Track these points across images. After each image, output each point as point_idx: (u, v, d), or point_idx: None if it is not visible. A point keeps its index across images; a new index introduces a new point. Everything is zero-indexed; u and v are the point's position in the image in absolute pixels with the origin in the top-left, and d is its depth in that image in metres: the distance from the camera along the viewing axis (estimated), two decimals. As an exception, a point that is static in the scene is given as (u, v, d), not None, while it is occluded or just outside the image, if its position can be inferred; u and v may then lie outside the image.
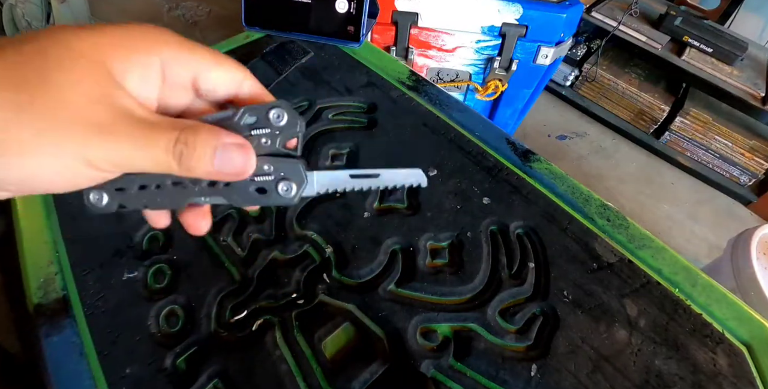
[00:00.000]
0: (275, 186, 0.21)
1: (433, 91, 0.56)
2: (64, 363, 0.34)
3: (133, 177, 0.20)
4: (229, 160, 0.19)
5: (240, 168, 0.19)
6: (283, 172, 0.21)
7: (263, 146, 0.20)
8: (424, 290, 0.39)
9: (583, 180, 1.38)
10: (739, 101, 1.42)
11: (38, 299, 0.37)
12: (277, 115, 0.20)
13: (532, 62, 0.97)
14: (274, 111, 0.20)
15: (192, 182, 0.21)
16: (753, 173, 1.54)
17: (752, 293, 0.82)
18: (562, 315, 0.38)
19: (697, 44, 1.50)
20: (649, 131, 1.68)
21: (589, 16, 1.60)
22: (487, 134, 0.51)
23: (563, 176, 0.48)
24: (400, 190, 0.46)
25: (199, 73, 0.20)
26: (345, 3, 0.53)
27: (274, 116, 0.20)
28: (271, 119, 0.20)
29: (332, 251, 0.41)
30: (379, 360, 0.35)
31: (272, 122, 0.20)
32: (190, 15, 1.98)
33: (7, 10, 1.30)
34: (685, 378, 0.35)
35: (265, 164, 0.21)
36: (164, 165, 0.18)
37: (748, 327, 0.39)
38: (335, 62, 0.58)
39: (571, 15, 0.92)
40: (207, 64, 0.20)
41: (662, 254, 0.42)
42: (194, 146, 0.18)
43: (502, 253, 0.42)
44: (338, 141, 0.49)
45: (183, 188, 0.21)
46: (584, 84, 1.76)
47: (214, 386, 0.34)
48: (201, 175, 0.19)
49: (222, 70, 0.21)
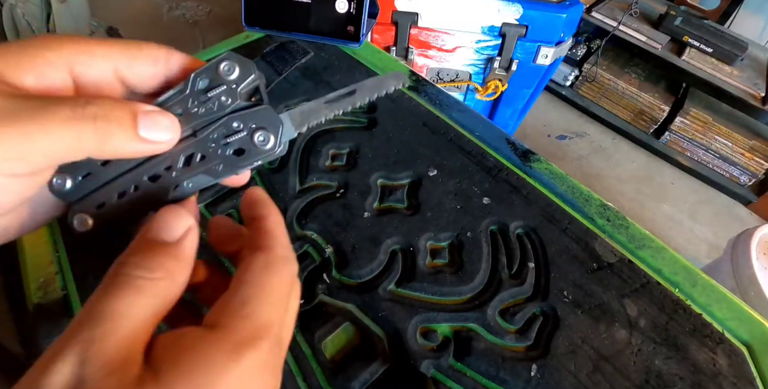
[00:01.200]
0: (251, 140, 0.20)
1: (433, 91, 0.56)
2: (64, 363, 0.34)
3: (104, 174, 0.19)
4: (154, 125, 0.17)
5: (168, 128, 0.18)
6: (254, 122, 0.20)
7: (225, 104, 0.19)
8: (424, 290, 0.39)
9: (583, 180, 1.38)
10: (739, 101, 1.42)
11: (38, 299, 0.37)
12: (227, 68, 0.19)
13: (532, 62, 0.97)
14: (223, 65, 0.19)
15: (166, 168, 0.19)
16: (753, 173, 1.54)
17: (752, 293, 0.82)
18: (562, 315, 0.38)
19: (697, 44, 1.50)
20: (649, 131, 1.68)
21: (589, 16, 1.60)
22: (487, 134, 0.51)
23: (563, 176, 0.48)
24: (400, 190, 0.46)
25: (119, 66, 0.18)
26: (345, 3, 0.53)
27: (224, 70, 0.19)
28: (223, 75, 0.19)
29: (332, 251, 0.41)
30: (379, 360, 0.35)
31: (225, 78, 0.19)
32: (190, 15, 1.98)
33: (7, 10, 1.30)
34: (685, 378, 0.35)
35: (234, 122, 0.19)
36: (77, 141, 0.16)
37: (748, 327, 0.39)
38: (335, 62, 0.58)
39: (571, 15, 0.92)
40: (123, 54, 0.18)
41: (662, 254, 0.42)
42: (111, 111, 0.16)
43: (502, 253, 0.42)
44: (338, 141, 0.49)
45: (161, 178, 0.19)
46: (584, 84, 1.76)
47: (214, 386, 0.34)
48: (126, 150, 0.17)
49: (142, 55, 0.19)
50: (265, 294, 0.17)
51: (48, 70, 0.17)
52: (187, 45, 1.82)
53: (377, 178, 0.47)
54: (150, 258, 0.17)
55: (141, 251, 0.17)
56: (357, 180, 0.46)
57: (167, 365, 0.15)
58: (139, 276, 0.16)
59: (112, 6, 1.91)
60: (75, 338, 0.15)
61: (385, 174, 0.47)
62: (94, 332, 0.15)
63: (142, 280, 0.16)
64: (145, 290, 0.16)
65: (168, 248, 0.17)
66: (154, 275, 0.16)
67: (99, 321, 0.15)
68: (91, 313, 0.15)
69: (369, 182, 0.46)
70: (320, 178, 0.46)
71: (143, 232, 0.18)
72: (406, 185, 0.46)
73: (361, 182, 0.46)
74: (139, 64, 0.19)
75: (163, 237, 0.17)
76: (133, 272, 0.16)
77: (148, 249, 0.17)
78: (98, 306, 0.15)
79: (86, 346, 0.14)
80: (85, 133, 0.16)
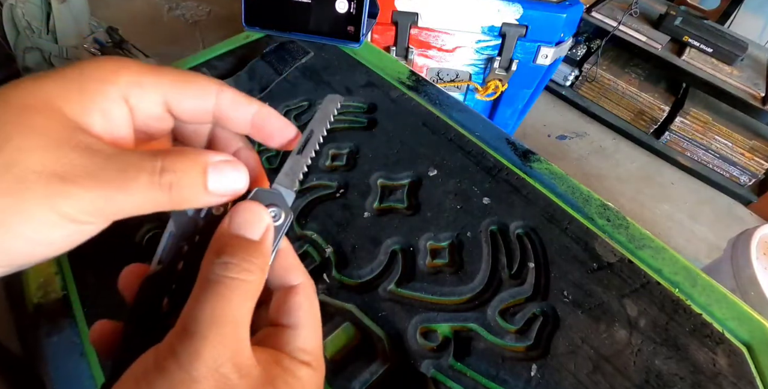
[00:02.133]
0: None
1: (433, 91, 0.56)
2: (64, 363, 0.34)
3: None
4: (222, 178, 0.18)
5: (235, 184, 0.18)
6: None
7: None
8: (424, 290, 0.39)
9: (583, 180, 1.38)
10: (739, 101, 1.42)
11: (38, 299, 0.37)
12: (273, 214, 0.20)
13: (532, 62, 0.97)
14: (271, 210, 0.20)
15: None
16: (753, 173, 1.54)
17: (752, 293, 0.82)
18: (562, 315, 0.38)
19: (697, 44, 1.50)
20: (649, 131, 1.68)
21: (589, 16, 1.60)
22: (487, 134, 0.51)
23: (563, 176, 0.48)
24: (400, 190, 0.46)
25: (168, 96, 0.18)
26: (345, 3, 0.53)
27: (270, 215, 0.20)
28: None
29: (332, 251, 0.41)
30: (379, 360, 0.35)
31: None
32: (190, 15, 1.98)
33: (7, 10, 1.30)
34: (685, 378, 0.35)
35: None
36: (152, 202, 0.16)
37: (748, 327, 0.39)
38: (335, 62, 0.58)
39: (571, 15, 0.92)
40: (173, 84, 0.18)
41: (662, 254, 0.42)
42: (182, 171, 0.16)
43: (502, 253, 0.42)
44: (338, 141, 0.49)
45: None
46: (584, 84, 1.76)
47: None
48: (196, 203, 0.18)
49: (192, 89, 0.18)
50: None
51: (111, 109, 0.17)
52: (187, 45, 1.82)
53: (377, 178, 0.47)
54: (249, 260, 0.17)
55: (237, 251, 0.17)
56: (357, 180, 0.46)
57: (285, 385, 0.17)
58: (242, 279, 0.17)
59: (112, 6, 1.91)
60: (207, 340, 0.15)
61: (385, 174, 0.47)
62: (225, 338, 0.16)
63: (247, 283, 0.17)
64: (250, 291, 0.17)
65: (258, 246, 0.18)
66: (254, 275, 0.17)
67: (226, 326, 0.16)
68: (213, 317, 0.16)
69: (369, 182, 0.46)
70: (320, 178, 0.46)
71: (227, 229, 0.18)
72: (406, 185, 0.46)
73: (361, 182, 0.46)
74: (189, 97, 0.19)
75: (251, 235, 0.18)
76: (241, 275, 0.17)
77: (242, 249, 0.17)
78: (218, 310, 0.16)
79: (223, 350, 0.15)
80: (160, 196, 0.16)
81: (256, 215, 0.18)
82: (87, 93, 0.16)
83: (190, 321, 0.16)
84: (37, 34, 1.34)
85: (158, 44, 1.77)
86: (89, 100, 0.16)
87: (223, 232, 0.18)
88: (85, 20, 1.46)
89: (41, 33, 1.35)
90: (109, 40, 1.45)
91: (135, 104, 0.17)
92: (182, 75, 0.18)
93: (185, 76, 0.18)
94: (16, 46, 1.35)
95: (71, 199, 0.15)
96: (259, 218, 0.18)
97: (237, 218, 0.18)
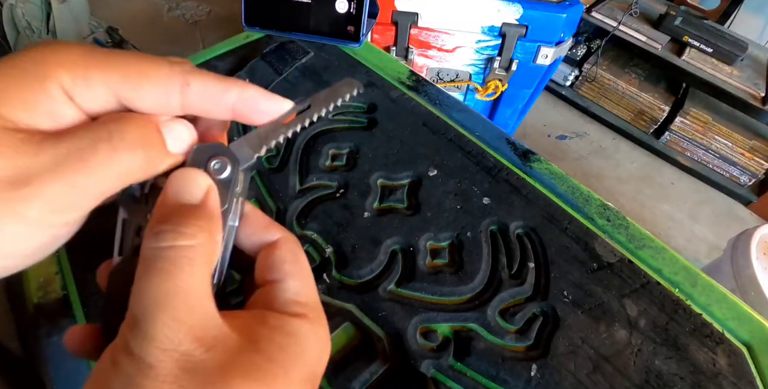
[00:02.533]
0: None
1: (433, 91, 0.56)
2: (64, 363, 0.34)
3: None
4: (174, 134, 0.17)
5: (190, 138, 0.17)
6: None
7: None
8: (424, 290, 0.39)
9: (583, 180, 1.38)
10: (739, 101, 1.42)
11: (38, 299, 0.37)
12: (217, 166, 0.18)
13: (532, 62, 0.97)
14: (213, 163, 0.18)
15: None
16: (753, 173, 1.54)
17: (752, 293, 0.82)
18: (562, 315, 0.38)
19: (697, 44, 1.50)
20: (649, 131, 1.68)
21: (589, 16, 1.60)
22: (487, 134, 0.51)
23: (563, 176, 0.48)
24: (400, 190, 0.46)
25: (121, 94, 0.16)
26: (345, 3, 0.53)
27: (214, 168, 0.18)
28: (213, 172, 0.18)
29: (332, 251, 0.41)
30: (379, 360, 0.35)
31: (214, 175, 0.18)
32: (190, 15, 1.98)
33: (7, 10, 1.30)
34: (685, 378, 0.35)
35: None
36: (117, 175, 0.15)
37: (748, 327, 0.39)
38: (335, 62, 0.58)
39: (571, 15, 0.92)
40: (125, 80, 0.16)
41: (662, 254, 0.42)
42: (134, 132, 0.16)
43: (502, 253, 0.42)
44: (338, 141, 0.49)
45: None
46: (584, 84, 1.76)
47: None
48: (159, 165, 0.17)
49: (149, 84, 0.16)
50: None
51: (56, 109, 0.15)
52: (187, 45, 1.82)
53: (377, 178, 0.47)
54: (186, 223, 0.16)
55: (172, 218, 0.16)
56: (357, 180, 0.46)
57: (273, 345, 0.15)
58: (184, 246, 0.15)
59: (112, 6, 1.91)
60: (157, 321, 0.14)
61: (385, 174, 0.47)
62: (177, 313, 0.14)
63: (189, 249, 0.15)
64: (197, 257, 0.15)
65: (198, 209, 0.16)
66: (197, 239, 0.15)
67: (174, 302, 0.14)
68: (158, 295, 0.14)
69: (369, 182, 0.46)
70: (320, 178, 0.46)
71: (163, 199, 0.16)
72: (406, 185, 0.46)
73: (361, 182, 0.46)
74: (146, 95, 0.16)
75: (187, 200, 0.16)
76: (177, 242, 0.15)
77: (178, 214, 0.16)
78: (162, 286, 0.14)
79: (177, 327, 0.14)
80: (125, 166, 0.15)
81: (190, 177, 0.17)
82: (26, 93, 0.15)
83: (135, 307, 0.14)
84: (37, 34, 1.35)
85: (158, 44, 1.77)
86: (31, 102, 0.15)
87: (158, 205, 0.16)
88: (85, 20, 1.46)
89: (41, 33, 1.35)
90: (109, 40, 1.45)
91: (82, 102, 0.16)
92: (136, 67, 0.16)
93: (140, 68, 0.16)
94: (16, 46, 1.35)
95: (32, 201, 0.14)
96: (194, 180, 0.17)
97: (170, 187, 0.17)
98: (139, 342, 0.13)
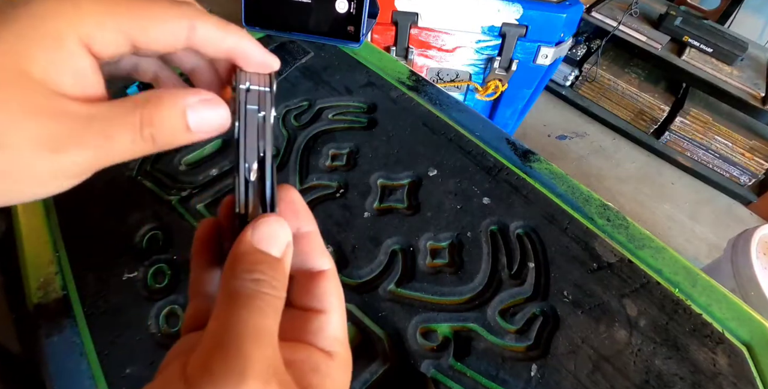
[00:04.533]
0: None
1: (433, 91, 0.56)
2: (64, 363, 0.34)
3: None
4: (203, 118, 0.17)
5: (217, 121, 0.18)
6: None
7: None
8: (424, 290, 0.39)
9: (583, 180, 1.38)
10: (739, 101, 1.42)
11: (38, 299, 0.37)
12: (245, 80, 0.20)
13: (532, 62, 0.97)
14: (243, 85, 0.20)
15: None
16: (753, 173, 1.54)
17: (752, 293, 0.82)
18: (562, 315, 0.38)
19: (697, 44, 1.50)
20: (649, 131, 1.68)
21: (589, 16, 1.60)
22: (487, 134, 0.51)
23: (563, 176, 0.48)
24: (400, 190, 0.46)
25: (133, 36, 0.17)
26: (345, 3, 0.53)
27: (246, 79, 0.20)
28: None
29: (332, 251, 0.41)
30: (379, 360, 0.35)
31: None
32: (190, 15, 1.97)
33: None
34: (685, 378, 0.35)
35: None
36: (137, 152, 0.16)
37: (748, 327, 0.39)
38: (335, 62, 0.58)
39: (571, 15, 0.92)
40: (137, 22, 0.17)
41: (662, 254, 0.42)
42: (162, 120, 0.16)
43: (502, 253, 0.42)
44: (338, 141, 0.49)
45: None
46: (584, 84, 1.76)
47: (214, 386, 0.34)
48: (181, 142, 0.17)
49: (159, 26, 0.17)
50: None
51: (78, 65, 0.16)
52: (187, 45, 1.82)
53: (377, 178, 0.47)
54: (277, 278, 0.17)
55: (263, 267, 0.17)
56: (357, 180, 0.46)
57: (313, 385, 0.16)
58: (273, 296, 0.16)
59: (112, 6, 1.91)
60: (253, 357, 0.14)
61: (385, 174, 0.47)
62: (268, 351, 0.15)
63: (276, 300, 0.16)
64: (279, 309, 0.16)
65: (280, 264, 0.17)
66: (281, 294, 0.17)
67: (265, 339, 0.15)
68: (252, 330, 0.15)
69: (369, 182, 0.46)
70: (320, 178, 0.46)
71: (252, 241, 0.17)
72: (406, 185, 0.46)
73: (361, 182, 0.46)
74: (156, 37, 0.17)
75: (273, 252, 0.17)
76: (268, 290, 0.16)
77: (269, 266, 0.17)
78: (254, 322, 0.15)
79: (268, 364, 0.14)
80: (146, 148, 0.16)
81: (277, 230, 0.18)
82: (50, 52, 0.15)
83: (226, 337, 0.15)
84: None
85: (158, 44, 1.77)
86: (57, 60, 0.15)
87: (246, 245, 0.17)
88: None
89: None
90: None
91: (99, 51, 0.16)
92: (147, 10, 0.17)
93: (150, 13, 0.17)
94: None
95: (61, 164, 0.15)
96: (281, 235, 0.18)
97: (257, 233, 0.17)
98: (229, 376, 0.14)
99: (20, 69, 0.15)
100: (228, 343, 0.14)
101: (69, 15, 0.15)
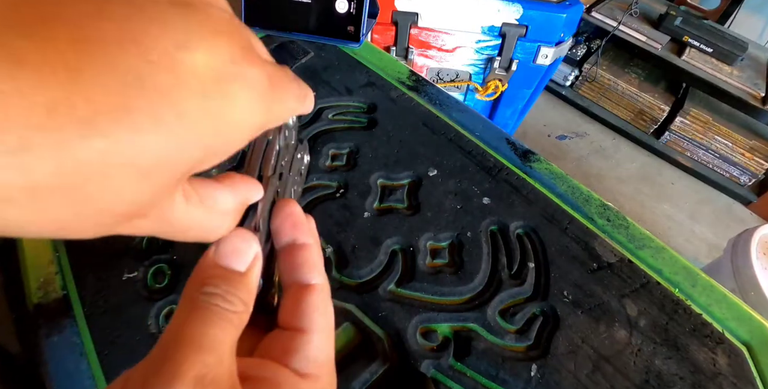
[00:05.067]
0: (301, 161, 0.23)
1: (433, 91, 0.56)
2: (64, 363, 0.34)
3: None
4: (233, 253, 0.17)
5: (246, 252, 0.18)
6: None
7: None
8: (424, 290, 0.39)
9: (583, 180, 1.38)
10: (739, 101, 1.42)
11: (38, 299, 0.37)
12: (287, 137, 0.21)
13: (532, 62, 0.97)
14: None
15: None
16: (753, 173, 1.54)
17: (752, 293, 0.82)
18: (562, 315, 0.38)
19: (697, 44, 1.50)
20: (649, 131, 1.69)
21: (589, 16, 1.60)
22: (487, 134, 0.51)
23: (563, 176, 0.48)
24: (400, 190, 0.46)
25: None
26: (345, 3, 0.53)
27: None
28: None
29: (332, 251, 0.41)
30: (379, 360, 0.35)
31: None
32: (190, 15, 1.97)
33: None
34: (685, 378, 0.35)
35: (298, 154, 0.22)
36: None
37: (748, 327, 0.39)
38: (335, 62, 0.58)
39: (571, 15, 0.92)
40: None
41: (662, 254, 0.42)
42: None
43: (502, 253, 0.42)
44: (338, 141, 0.49)
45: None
46: (584, 84, 1.76)
47: (214, 386, 0.34)
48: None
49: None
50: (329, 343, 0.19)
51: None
52: (187, 45, 1.82)
53: (377, 178, 0.47)
54: (232, 293, 0.16)
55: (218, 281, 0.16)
56: (357, 180, 0.46)
57: None
58: (225, 309, 0.16)
59: (112, 6, 1.91)
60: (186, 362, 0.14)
61: (385, 174, 0.47)
62: (207, 358, 0.14)
63: (229, 313, 0.16)
64: (233, 322, 0.16)
65: (243, 279, 0.17)
66: (237, 308, 0.16)
67: (206, 347, 0.14)
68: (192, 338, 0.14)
69: (369, 182, 0.46)
70: (320, 178, 0.46)
71: (215, 257, 0.17)
72: (406, 185, 0.46)
73: (361, 182, 0.46)
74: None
75: (236, 267, 0.17)
76: (221, 303, 0.16)
77: (225, 281, 0.17)
78: (197, 331, 0.15)
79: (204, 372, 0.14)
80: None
81: (240, 244, 0.17)
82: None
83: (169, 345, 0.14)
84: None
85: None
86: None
87: (206, 259, 0.17)
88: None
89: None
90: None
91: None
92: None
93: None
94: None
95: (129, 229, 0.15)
96: (244, 249, 0.17)
97: (222, 247, 0.17)
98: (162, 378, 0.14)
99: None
100: (167, 350, 0.14)
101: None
